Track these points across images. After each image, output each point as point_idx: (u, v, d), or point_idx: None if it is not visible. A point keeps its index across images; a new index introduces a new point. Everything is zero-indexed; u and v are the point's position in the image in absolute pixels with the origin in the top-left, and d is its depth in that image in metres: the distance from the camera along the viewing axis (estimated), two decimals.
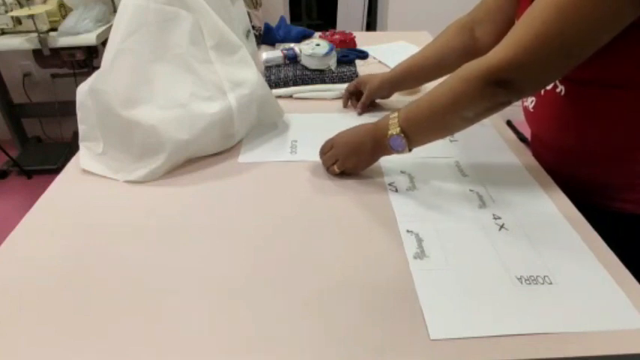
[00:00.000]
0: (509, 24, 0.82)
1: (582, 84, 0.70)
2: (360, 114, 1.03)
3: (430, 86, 0.73)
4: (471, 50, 0.90)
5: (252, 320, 0.55)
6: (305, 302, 0.57)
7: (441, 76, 0.92)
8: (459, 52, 0.91)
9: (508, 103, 0.65)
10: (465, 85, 0.64)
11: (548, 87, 0.75)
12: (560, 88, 0.73)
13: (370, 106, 1.04)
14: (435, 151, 0.89)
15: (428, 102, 0.69)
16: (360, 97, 1.03)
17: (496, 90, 0.63)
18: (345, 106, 1.07)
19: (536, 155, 0.86)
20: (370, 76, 1.03)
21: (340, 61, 1.18)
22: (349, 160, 0.78)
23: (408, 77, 0.99)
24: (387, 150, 0.74)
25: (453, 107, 0.67)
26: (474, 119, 0.68)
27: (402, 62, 0.98)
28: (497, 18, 0.87)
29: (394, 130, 0.71)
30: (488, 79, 0.62)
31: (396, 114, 0.72)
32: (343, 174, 0.81)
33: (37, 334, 0.54)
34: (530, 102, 0.81)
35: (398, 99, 1.12)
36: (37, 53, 2.03)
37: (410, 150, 0.73)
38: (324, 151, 0.81)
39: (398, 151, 0.73)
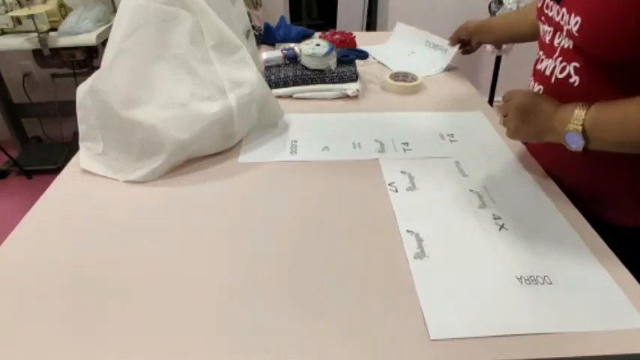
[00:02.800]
0: None
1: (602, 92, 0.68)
2: (451, 45, 1.25)
3: None
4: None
5: (251, 320, 0.55)
6: (305, 302, 0.57)
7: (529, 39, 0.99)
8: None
9: None
10: None
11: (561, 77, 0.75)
12: (574, 79, 0.72)
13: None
14: (435, 151, 0.89)
15: (623, 119, 0.62)
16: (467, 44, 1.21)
17: None
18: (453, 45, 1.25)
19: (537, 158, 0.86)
20: (484, 25, 1.17)
21: (340, 61, 1.18)
22: (515, 121, 0.74)
23: (501, 28, 1.11)
24: (558, 137, 0.68)
25: None
26: None
27: (501, 14, 1.08)
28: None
29: (575, 126, 0.65)
30: None
31: (582, 111, 0.64)
32: None
33: (37, 334, 0.54)
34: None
35: (398, 98, 1.12)
36: (37, 53, 2.04)
37: (585, 150, 0.66)
38: (506, 99, 0.78)
39: (571, 148, 0.66)
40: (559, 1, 0.72)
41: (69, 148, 2.46)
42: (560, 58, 0.73)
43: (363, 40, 1.46)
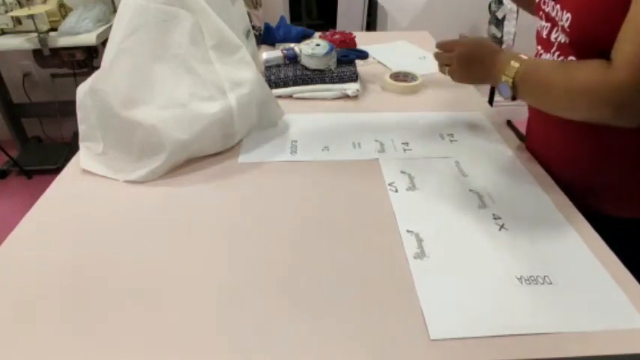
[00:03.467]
0: None
1: None
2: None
3: None
4: None
5: (251, 320, 0.55)
6: (305, 302, 0.57)
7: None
8: None
9: (615, 124, 0.62)
10: (582, 96, 0.62)
11: None
12: None
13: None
14: (435, 151, 0.89)
15: (547, 79, 0.67)
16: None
17: (611, 112, 0.60)
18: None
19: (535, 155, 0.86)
20: None
21: (340, 61, 1.18)
22: (461, 71, 0.81)
23: None
24: (494, 83, 0.75)
25: (567, 105, 0.65)
26: (576, 118, 0.67)
27: None
28: None
29: (507, 77, 0.71)
30: (609, 101, 0.59)
31: (516, 64, 0.70)
32: None
33: (37, 334, 0.54)
34: None
35: (398, 98, 1.12)
36: (37, 53, 2.04)
37: (514, 99, 0.73)
38: (445, 48, 0.85)
39: (502, 96, 0.74)
40: None
41: (69, 148, 2.46)
42: (558, 52, 0.74)
43: (363, 40, 1.46)
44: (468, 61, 0.80)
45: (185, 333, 0.54)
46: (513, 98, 0.73)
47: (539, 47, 0.81)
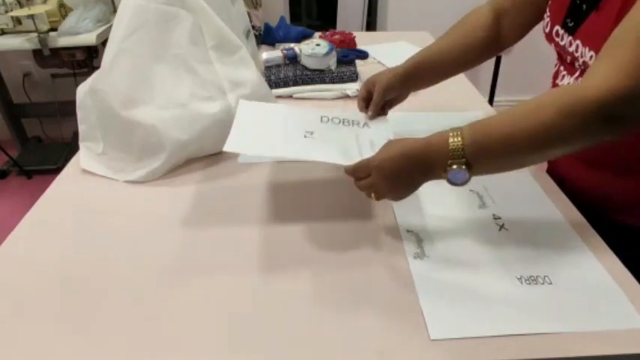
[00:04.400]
0: (533, 17, 0.77)
1: None
2: (371, 118, 0.83)
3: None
4: (495, 44, 0.83)
5: (251, 320, 0.55)
6: (304, 302, 0.57)
7: (459, 72, 0.86)
8: (482, 46, 0.82)
9: (604, 140, 0.54)
10: (564, 120, 0.51)
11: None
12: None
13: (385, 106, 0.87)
14: None
15: (506, 133, 0.55)
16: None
17: (603, 127, 0.52)
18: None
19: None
20: (378, 74, 0.85)
21: (340, 61, 1.18)
22: (392, 193, 0.65)
23: (422, 72, 0.83)
24: (439, 178, 0.60)
25: (544, 144, 0.54)
26: (559, 155, 0.59)
27: (414, 55, 0.83)
28: (524, 9, 0.78)
29: (457, 162, 0.56)
30: (598, 113, 0.50)
31: (457, 140, 0.56)
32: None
33: (37, 334, 0.54)
34: None
35: None
36: (37, 53, 2.03)
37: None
38: (360, 176, 0.65)
39: (456, 184, 0.58)
40: (572, 32, 0.68)
41: (69, 148, 2.46)
42: (582, 78, 0.69)
43: (363, 40, 1.46)
44: (394, 177, 0.62)
45: (185, 332, 0.53)
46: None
47: (562, 68, 0.74)
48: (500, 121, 0.57)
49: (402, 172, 0.62)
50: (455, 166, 0.57)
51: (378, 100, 0.83)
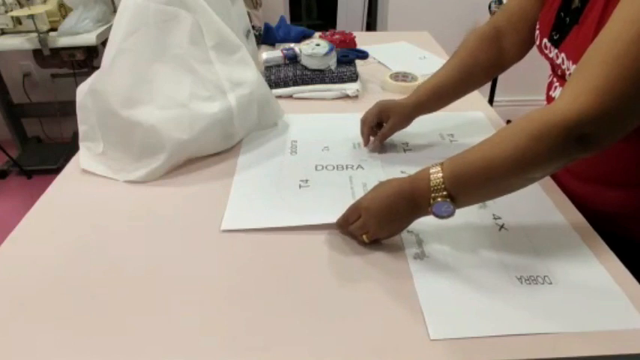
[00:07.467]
0: (531, 33, 0.78)
1: None
2: (373, 150, 0.89)
3: None
4: (498, 63, 0.86)
5: (251, 320, 0.55)
6: (304, 302, 0.57)
7: (466, 93, 0.88)
8: (486, 67, 0.86)
9: (582, 157, 0.55)
10: (536, 144, 0.53)
11: None
12: None
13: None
14: (435, 151, 0.89)
15: (483, 162, 0.56)
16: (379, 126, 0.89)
17: (576, 147, 0.52)
18: (366, 145, 0.90)
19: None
20: (392, 103, 0.87)
21: (340, 61, 1.18)
22: (383, 231, 0.65)
23: (434, 100, 0.86)
24: (427, 213, 0.62)
25: (520, 169, 0.55)
26: (540, 178, 0.59)
27: (424, 83, 0.87)
28: (520, 27, 0.81)
29: (440, 195, 0.58)
30: (568, 135, 0.51)
31: (438, 174, 0.59)
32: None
33: (37, 334, 0.54)
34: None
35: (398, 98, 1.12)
36: (37, 53, 2.03)
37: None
38: (351, 220, 0.66)
39: (443, 217, 0.60)
40: (557, 45, 0.70)
41: (69, 148, 2.46)
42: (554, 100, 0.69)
43: (363, 40, 1.46)
44: (383, 215, 0.63)
45: (185, 332, 0.53)
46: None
47: (555, 79, 0.75)
48: (478, 151, 0.58)
49: (390, 209, 0.63)
50: (439, 199, 0.58)
51: (389, 135, 0.88)
